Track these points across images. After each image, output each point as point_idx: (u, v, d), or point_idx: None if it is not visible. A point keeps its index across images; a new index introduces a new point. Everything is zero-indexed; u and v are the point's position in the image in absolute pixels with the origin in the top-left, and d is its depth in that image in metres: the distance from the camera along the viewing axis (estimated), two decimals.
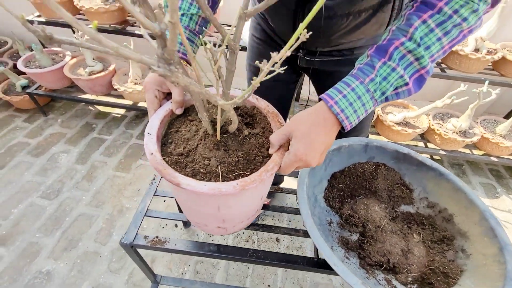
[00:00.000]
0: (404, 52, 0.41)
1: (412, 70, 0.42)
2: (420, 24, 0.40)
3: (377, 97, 0.43)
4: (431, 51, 0.40)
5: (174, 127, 0.53)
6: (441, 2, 0.39)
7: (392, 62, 0.41)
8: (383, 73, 0.42)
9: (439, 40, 0.40)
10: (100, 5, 1.41)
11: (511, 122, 1.42)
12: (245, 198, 0.49)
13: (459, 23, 0.39)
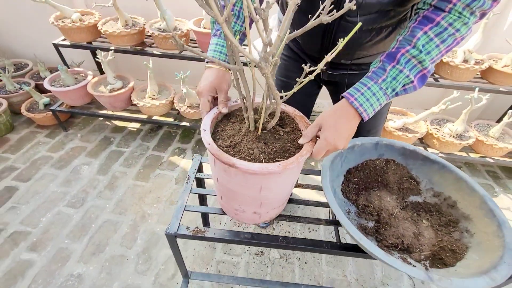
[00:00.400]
0: (409, 57, 0.52)
1: (416, 71, 0.53)
2: (422, 35, 0.51)
3: (388, 93, 0.54)
4: (431, 56, 0.52)
5: (219, 128, 0.63)
6: (438, 17, 0.50)
7: (400, 65, 0.52)
8: (393, 74, 0.53)
9: (438, 46, 0.51)
10: (121, 29, 1.55)
11: (502, 125, 1.54)
12: (283, 180, 0.58)
13: (453, 33, 0.50)
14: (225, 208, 0.73)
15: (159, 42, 1.56)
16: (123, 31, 1.53)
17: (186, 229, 0.72)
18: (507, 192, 1.64)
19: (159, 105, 1.63)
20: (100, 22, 1.60)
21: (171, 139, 1.83)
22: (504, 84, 1.51)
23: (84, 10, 1.70)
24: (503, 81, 1.50)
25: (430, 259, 0.66)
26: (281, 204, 0.69)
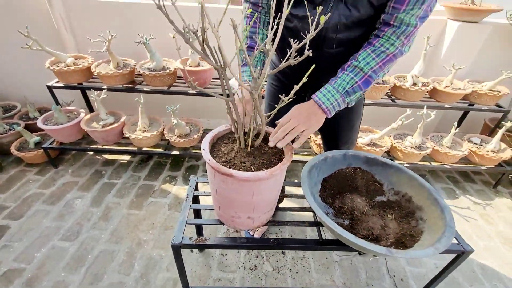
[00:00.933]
0: (353, 67, 0.75)
1: (359, 76, 0.74)
2: (362, 52, 0.74)
3: (340, 91, 0.75)
4: (370, 65, 0.73)
5: (216, 148, 0.77)
6: (374, 41, 0.74)
7: (347, 72, 0.75)
8: (342, 77, 0.75)
9: (374, 59, 0.73)
10: (114, 70, 1.71)
11: (451, 135, 1.80)
12: (270, 185, 0.72)
13: (384, 50, 0.73)
14: (222, 218, 0.85)
15: (149, 80, 1.72)
16: (116, 72, 1.69)
17: (189, 239, 0.82)
18: (466, 194, 1.86)
19: (150, 136, 1.75)
20: (94, 65, 1.75)
21: (161, 168, 1.92)
22: (447, 101, 1.80)
23: (77, 54, 1.85)
24: (446, 99, 1.80)
25: (394, 244, 0.81)
26: (270, 209, 0.82)
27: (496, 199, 1.84)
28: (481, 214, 1.70)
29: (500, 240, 1.54)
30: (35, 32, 1.55)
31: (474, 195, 1.86)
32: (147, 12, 1.86)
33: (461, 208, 1.74)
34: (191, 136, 1.79)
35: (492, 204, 1.79)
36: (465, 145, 1.85)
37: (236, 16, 0.57)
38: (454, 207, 1.74)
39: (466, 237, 1.54)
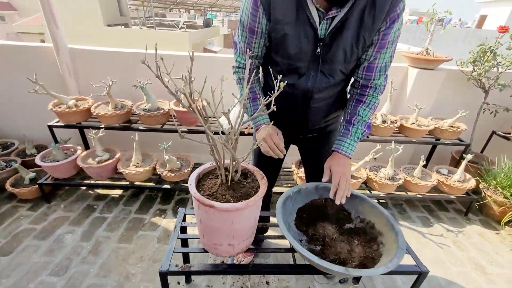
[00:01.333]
0: (358, 119, 0.96)
1: (364, 125, 0.96)
2: (360, 109, 0.97)
3: (356, 140, 0.97)
4: (368, 115, 0.96)
5: (201, 183, 0.90)
6: (364, 98, 0.95)
7: (356, 125, 0.96)
8: (354, 131, 0.97)
9: (369, 111, 0.97)
10: (112, 111, 1.87)
11: (420, 166, 1.98)
12: (247, 214, 0.84)
13: (373, 104, 0.96)
14: (206, 246, 0.94)
15: (144, 119, 1.88)
16: (114, 112, 1.85)
17: (176, 266, 0.91)
18: (439, 222, 1.99)
19: (142, 171, 1.86)
20: (93, 106, 1.91)
21: (152, 202, 2.00)
22: (414, 136, 2.02)
23: (78, 97, 2.03)
24: (413, 134, 2.01)
25: (358, 266, 0.91)
26: (249, 237, 0.93)
27: (468, 226, 1.97)
28: (454, 241, 1.82)
29: (471, 266, 1.64)
30: (41, 77, 1.72)
31: (447, 223, 1.99)
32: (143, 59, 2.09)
33: (435, 236, 1.85)
34: (182, 171, 1.91)
35: (464, 231, 1.91)
36: (434, 175, 2.03)
37: (225, 63, 0.74)
38: (429, 235, 1.86)
39: (439, 263, 1.63)
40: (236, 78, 1.02)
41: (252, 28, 0.84)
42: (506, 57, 1.95)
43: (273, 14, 0.80)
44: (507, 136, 2.20)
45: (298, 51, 0.85)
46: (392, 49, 0.87)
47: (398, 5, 0.77)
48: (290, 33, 0.82)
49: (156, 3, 12.39)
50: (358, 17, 0.78)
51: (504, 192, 1.88)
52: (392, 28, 0.81)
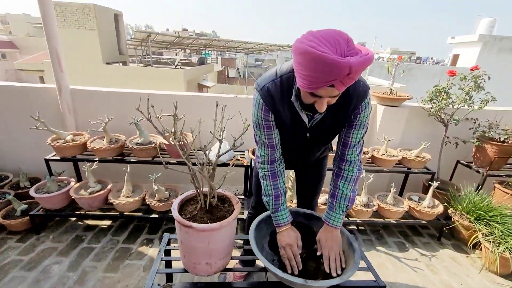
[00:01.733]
0: (340, 193, 1.09)
1: (346, 199, 1.08)
2: (339, 183, 1.10)
3: (341, 212, 1.09)
4: (348, 189, 1.08)
5: (183, 208, 1.04)
6: (342, 173, 1.10)
7: (338, 200, 1.09)
8: (338, 205, 1.09)
9: (349, 184, 1.08)
10: (106, 145, 2.03)
11: (392, 194, 2.15)
12: (222, 234, 0.97)
13: (351, 177, 1.09)
14: (186, 265, 1.05)
15: (137, 152, 2.04)
16: (108, 146, 2.01)
17: (158, 285, 1.00)
18: (414, 246, 2.10)
19: (132, 201, 1.96)
20: (89, 140, 2.07)
21: (140, 232, 2.07)
22: (384, 166, 2.21)
23: (76, 132, 2.19)
24: (384, 164, 2.21)
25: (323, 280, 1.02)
26: (225, 256, 1.04)
27: (440, 250, 2.08)
28: (427, 265, 1.92)
29: None
30: (41, 114, 1.89)
31: (421, 247, 2.10)
32: (138, 98, 2.31)
33: (410, 260, 1.95)
34: (170, 200, 2.02)
35: (437, 255, 2.03)
36: (406, 202, 2.19)
37: (208, 101, 0.92)
38: (404, 259, 1.96)
39: (413, 286, 1.72)
40: (261, 174, 1.13)
41: (268, 125, 1.06)
42: (458, 96, 2.25)
43: (277, 116, 1.06)
44: (469, 165, 2.42)
45: (293, 136, 1.13)
46: (362, 131, 1.07)
47: (360, 105, 1.01)
48: (289, 128, 1.09)
49: (153, 43, 13.23)
50: (332, 114, 1.04)
51: (469, 216, 2.04)
52: (357, 119, 1.04)
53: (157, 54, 21.37)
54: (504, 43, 15.01)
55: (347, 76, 0.74)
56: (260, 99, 1.01)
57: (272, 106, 1.02)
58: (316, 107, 0.89)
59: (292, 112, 1.03)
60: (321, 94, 0.83)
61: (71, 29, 9.87)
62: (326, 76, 0.75)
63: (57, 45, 2.09)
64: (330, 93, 0.82)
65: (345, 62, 0.70)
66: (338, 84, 0.77)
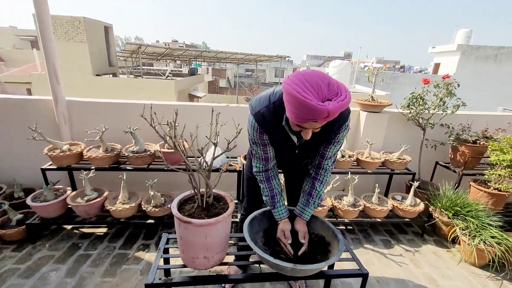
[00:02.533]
0: (316, 193, 1.26)
1: (319, 198, 1.26)
2: (317, 185, 1.27)
3: (313, 209, 1.27)
4: (323, 190, 1.26)
5: (182, 207, 1.13)
6: (319, 176, 1.28)
7: (314, 199, 1.26)
8: (313, 202, 1.25)
9: (324, 186, 1.28)
10: (102, 153, 2.10)
11: (376, 194, 2.28)
12: (219, 229, 1.06)
13: (326, 180, 1.28)
14: (185, 260, 1.13)
15: (132, 160, 2.11)
16: (104, 155, 2.07)
17: (159, 279, 1.08)
18: (399, 243, 2.23)
19: (128, 207, 2.02)
20: (85, 150, 2.14)
21: (136, 238, 2.12)
22: (369, 168, 2.36)
23: (72, 142, 2.25)
24: (368, 166, 2.35)
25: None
26: (221, 250, 1.13)
27: (423, 246, 2.21)
28: (411, 260, 2.04)
29: (426, 281, 1.84)
30: (37, 125, 1.94)
31: (406, 244, 2.23)
32: (134, 108, 2.40)
33: (395, 256, 2.07)
34: (165, 206, 2.09)
35: (420, 250, 2.15)
36: (390, 201, 2.32)
37: (204, 110, 1.03)
38: (390, 255, 2.07)
39: (399, 280, 1.83)
40: (258, 179, 1.32)
41: (264, 142, 1.22)
42: (433, 102, 2.44)
43: (270, 136, 1.21)
44: (447, 165, 2.60)
45: (285, 152, 1.31)
46: (338, 146, 1.24)
47: (340, 129, 1.17)
48: (281, 145, 1.25)
49: (144, 54, 13.34)
50: (318, 135, 1.16)
51: (447, 213, 2.19)
52: (336, 137, 1.20)
53: (147, 65, 21.46)
54: (481, 52, 15.89)
55: (326, 117, 0.88)
56: (255, 123, 1.15)
57: (266, 129, 1.16)
58: (302, 135, 1.04)
59: (283, 133, 1.18)
60: (306, 127, 0.97)
61: (60, 41, 9.88)
62: (308, 116, 0.89)
63: (55, 58, 2.17)
64: (314, 126, 0.97)
65: (323, 108, 0.85)
66: (320, 121, 0.91)
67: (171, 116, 1.20)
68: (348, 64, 10.58)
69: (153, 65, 23.17)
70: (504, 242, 1.86)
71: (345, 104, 0.88)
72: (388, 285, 1.79)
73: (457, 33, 18.87)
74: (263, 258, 1.02)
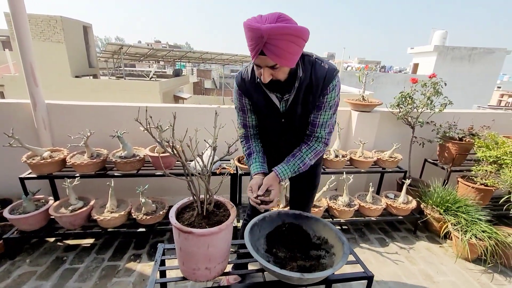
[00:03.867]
0: (299, 156, 1.20)
1: (302, 162, 1.19)
2: (303, 147, 1.22)
3: (291, 170, 1.18)
4: (308, 156, 1.20)
5: (180, 215, 1.06)
6: (309, 142, 1.21)
7: (295, 158, 1.19)
8: (293, 161, 1.20)
9: (310, 153, 1.21)
10: (87, 160, 1.98)
11: (370, 193, 2.30)
12: (221, 238, 1.00)
13: (315, 148, 1.21)
14: (185, 272, 1.06)
15: (120, 166, 2.00)
16: (90, 161, 1.95)
17: None
18: (394, 241, 2.25)
19: (117, 216, 1.90)
20: (69, 156, 2.00)
21: (126, 248, 2.01)
22: (362, 167, 2.37)
23: (53, 148, 2.10)
24: (361, 165, 2.36)
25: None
26: (223, 260, 1.07)
27: (417, 242, 2.25)
28: (406, 257, 2.06)
29: (422, 277, 1.87)
30: (14, 131, 1.80)
31: (400, 241, 2.25)
32: (120, 110, 2.29)
33: (391, 253, 2.09)
34: (157, 213, 1.99)
35: (414, 247, 2.19)
36: (383, 200, 2.34)
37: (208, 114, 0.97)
38: (386, 253, 2.09)
39: (396, 277, 1.84)
40: (240, 141, 1.30)
41: (243, 108, 1.24)
42: (421, 101, 2.49)
43: (250, 100, 1.21)
44: (435, 162, 2.66)
45: (270, 121, 1.26)
46: (329, 112, 1.18)
47: (328, 86, 1.13)
48: (263, 110, 1.22)
49: (125, 55, 12.93)
50: (303, 97, 1.15)
51: (438, 209, 2.23)
52: (325, 99, 1.16)
53: (129, 67, 20.83)
54: (456, 52, 16.66)
55: (265, 42, 0.87)
56: (236, 85, 1.21)
57: (245, 90, 1.19)
58: (261, 79, 1.02)
59: (263, 95, 1.17)
60: (258, 63, 0.98)
61: (35, 41, 9.37)
62: (250, 41, 0.90)
63: (32, 59, 2.03)
64: (265, 62, 0.96)
65: (255, 26, 0.85)
66: (266, 51, 0.89)
67: (159, 118, 1.14)
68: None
69: (135, 66, 22.54)
70: (494, 236, 1.92)
71: (286, 28, 0.86)
72: (386, 283, 1.79)
73: (433, 35, 19.69)
74: (268, 269, 0.97)
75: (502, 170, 2.17)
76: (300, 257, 1.19)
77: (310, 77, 1.11)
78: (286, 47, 0.90)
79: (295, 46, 0.92)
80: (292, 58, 0.96)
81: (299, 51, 0.97)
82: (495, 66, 16.68)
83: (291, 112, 1.19)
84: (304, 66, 1.12)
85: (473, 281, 1.86)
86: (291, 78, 1.10)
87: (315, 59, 1.14)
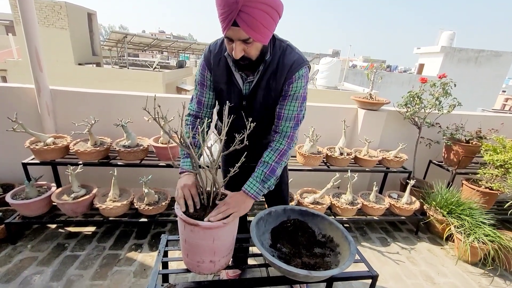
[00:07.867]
0: (262, 162, 1.11)
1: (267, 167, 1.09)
2: (266, 152, 1.13)
3: (258, 181, 1.09)
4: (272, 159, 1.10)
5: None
6: (272, 144, 1.13)
7: (259, 167, 1.10)
8: (257, 172, 1.10)
9: (273, 154, 1.11)
10: (91, 147, 1.96)
11: (374, 192, 2.28)
12: (226, 231, 0.99)
13: (278, 148, 1.12)
14: (189, 264, 1.05)
15: (124, 155, 1.98)
16: (93, 149, 1.94)
17: (162, 286, 1.00)
18: (395, 241, 2.25)
19: (120, 205, 1.90)
20: (72, 143, 1.98)
21: (127, 237, 2.00)
22: (366, 166, 2.35)
23: (56, 134, 2.09)
24: (366, 164, 2.34)
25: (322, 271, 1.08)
26: (228, 253, 1.06)
27: (418, 243, 2.24)
28: (408, 257, 2.06)
29: (423, 278, 1.86)
30: (18, 116, 1.78)
31: (401, 241, 2.25)
32: (124, 99, 2.26)
33: (392, 253, 2.08)
34: (160, 204, 1.98)
35: (415, 248, 2.18)
36: (386, 199, 2.33)
37: None
38: (387, 253, 2.08)
39: (397, 277, 1.84)
40: (184, 122, 1.10)
41: (202, 82, 1.17)
42: (430, 101, 2.46)
43: (213, 75, 1.15)
44: (440, 164, 2.64)
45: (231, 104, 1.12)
46: (295, 104, 1.09)
47: (294, 75, 1.07)
48: (224, 89, 1.15)
49: (129, 44, 12.82)
50: (266, 82, 1.09)
51: (442, 211, 2.22)
52: (290, 89, 1.09)
53: (132, 56, 20.69)
54: (463, 54, 16.49)
55: (239, 9, 0.82)
56: (202, 57, 1.16)
57: (209, 63, 1.13)
58: (233, 54, 0.95)
59: (227, 71, 1.11)
60: (230, 35, 0.91)
61: (39, 27, 9.24)
62: (222, 9, 0.84)
63: (37, 43, 1.99)
64: (238, 34, 0.89)
65: None
66: (240, 21, 0.85)
67: (167, 108, 1.11)
68: (338, 62, 10.64)
69: (138, 56, 22.37)
70: (497, 240, 1.91)
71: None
72: (387, 283, 1.79)
73: (441, 35, 19.45)
74: (275, 264, 0.96)
75: (508, 174, 2.15)
76: (305, 253, 1.18)
77: (278, 62, 1.06)
78: (261, 19, 0.86)
79: (269, 18, 0.88)
80: (266, 32, 0.91)
81: (273, 26, 0.93)
82: (502, 70, 16.53)
83: (253, 96, 1.13)
84: (273, 50, 1.07)
85: (474, 283, 1.85)
86: (261, 59, 1.04)
87: (287, 45, 1.10)
